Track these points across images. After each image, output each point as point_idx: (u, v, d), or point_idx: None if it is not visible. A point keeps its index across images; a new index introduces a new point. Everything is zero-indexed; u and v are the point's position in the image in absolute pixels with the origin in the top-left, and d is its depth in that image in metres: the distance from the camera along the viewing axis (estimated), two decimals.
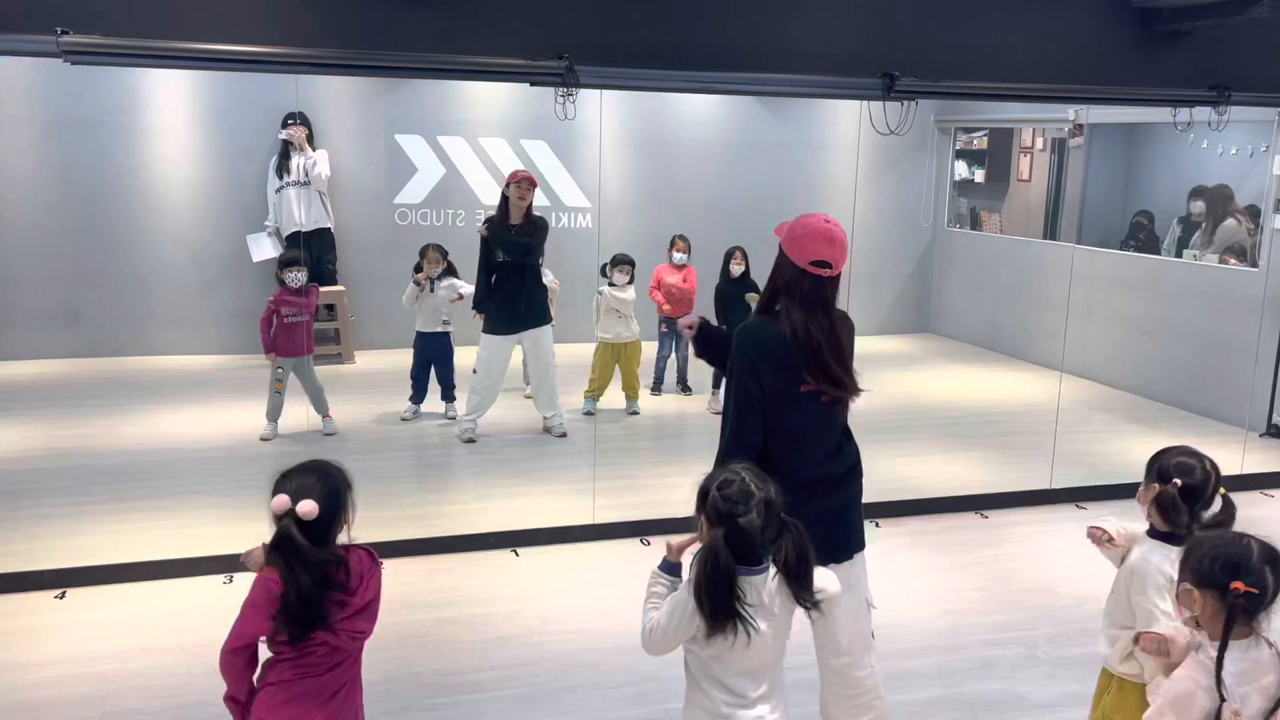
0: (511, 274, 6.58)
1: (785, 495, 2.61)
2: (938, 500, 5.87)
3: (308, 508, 2.37)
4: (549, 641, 4.25)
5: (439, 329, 7.14)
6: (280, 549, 2.38)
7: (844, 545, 3.13)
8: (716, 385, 7.65)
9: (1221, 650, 2.20)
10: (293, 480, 2.45)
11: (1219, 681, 2.19)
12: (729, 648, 2.38)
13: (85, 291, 8.62)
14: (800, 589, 2.43)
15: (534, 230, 6.57)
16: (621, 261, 7.34)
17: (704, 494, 2.43)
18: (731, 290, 7.46)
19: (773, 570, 2.44)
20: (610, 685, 3.92)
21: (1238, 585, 2.19)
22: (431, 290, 7.03)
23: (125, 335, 8.71)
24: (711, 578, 2.34)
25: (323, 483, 2.45)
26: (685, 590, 2.44)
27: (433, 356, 7.19)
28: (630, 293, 7.34)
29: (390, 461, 6.46)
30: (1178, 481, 2.87)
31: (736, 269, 7.50)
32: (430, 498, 5.85)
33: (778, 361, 2.98)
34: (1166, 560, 2.82)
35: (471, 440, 6.71)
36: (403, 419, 7.18)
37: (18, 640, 4.16)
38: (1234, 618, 2.20)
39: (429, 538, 5.14)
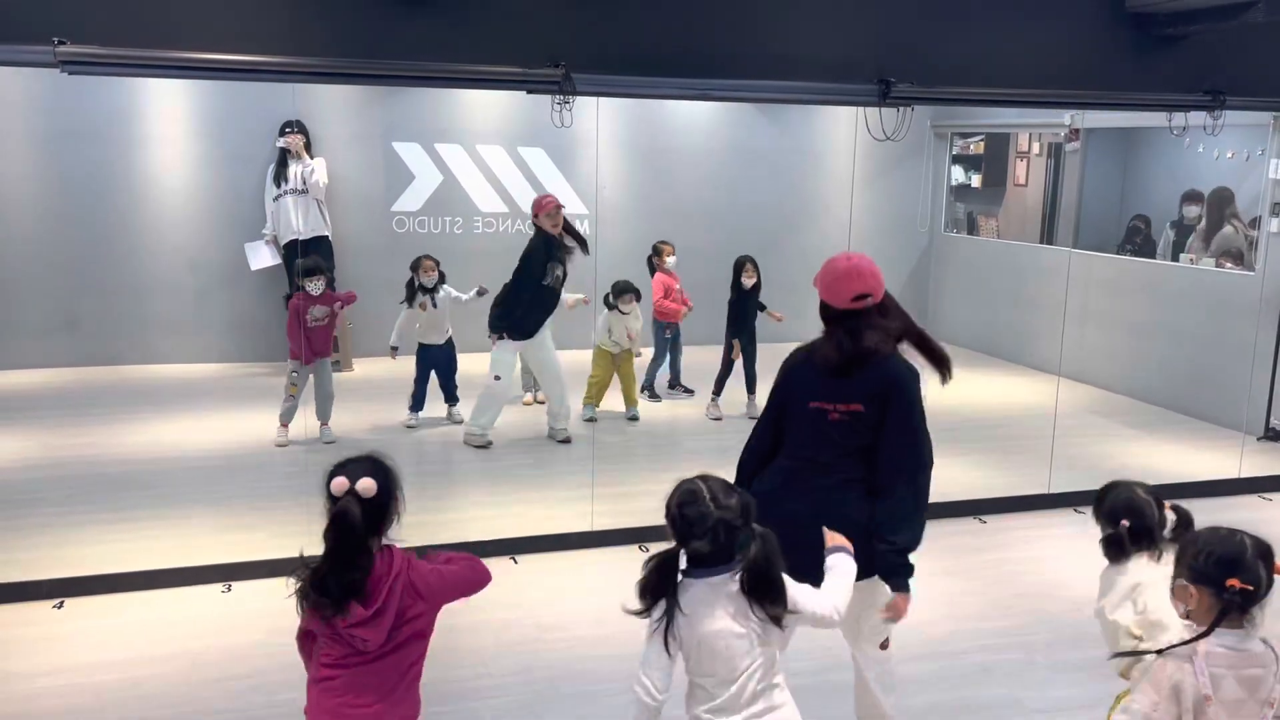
0: (545, 297, 6.77)
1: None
2: (936, 505, 5.75)
3: (367, 484, 2.42)
4: (547, 650, 4.25)
5: (443, 340, 7.15)
6: (336, 527, 2.39)
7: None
8: (717, 392, 7.64)
9: (1200, 635, 2.24)
10: (347, 467, 2.52)
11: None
12: (694, 657, 2.45)
13: (83, 300, 8.62)
14: (758, 601, 2.43)
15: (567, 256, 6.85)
16: (626, 290, 7.32)
17: (668, 510, 2.49)
18: (745, 302, 7.46)
19: (738, 572, 2.46)
20: (608, 693, 3.91)
21: (1234, 582, 2.22)
22: (434, 305, 7.03)
23: (123, 344, 8.71)
24: (654, 575, 2.48)
25: (377, 467, 2.54)
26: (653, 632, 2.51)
27: (438, 366, 7.19)
28: (639, 322, 7.43)
29: None
30: (1125, 523, 2.93)
31: (748, 281, 7.47)
32: (428, 505, 5.84)
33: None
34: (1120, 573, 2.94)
35: (488, 444, 6.81)
36: (408, 426, 7.18)
37: (16, 650, 4.15)
38: (1226, 612, 2.23)
39: (426, 546, 5.12)
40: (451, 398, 7.30)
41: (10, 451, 6.53)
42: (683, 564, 2.51)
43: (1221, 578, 2.23)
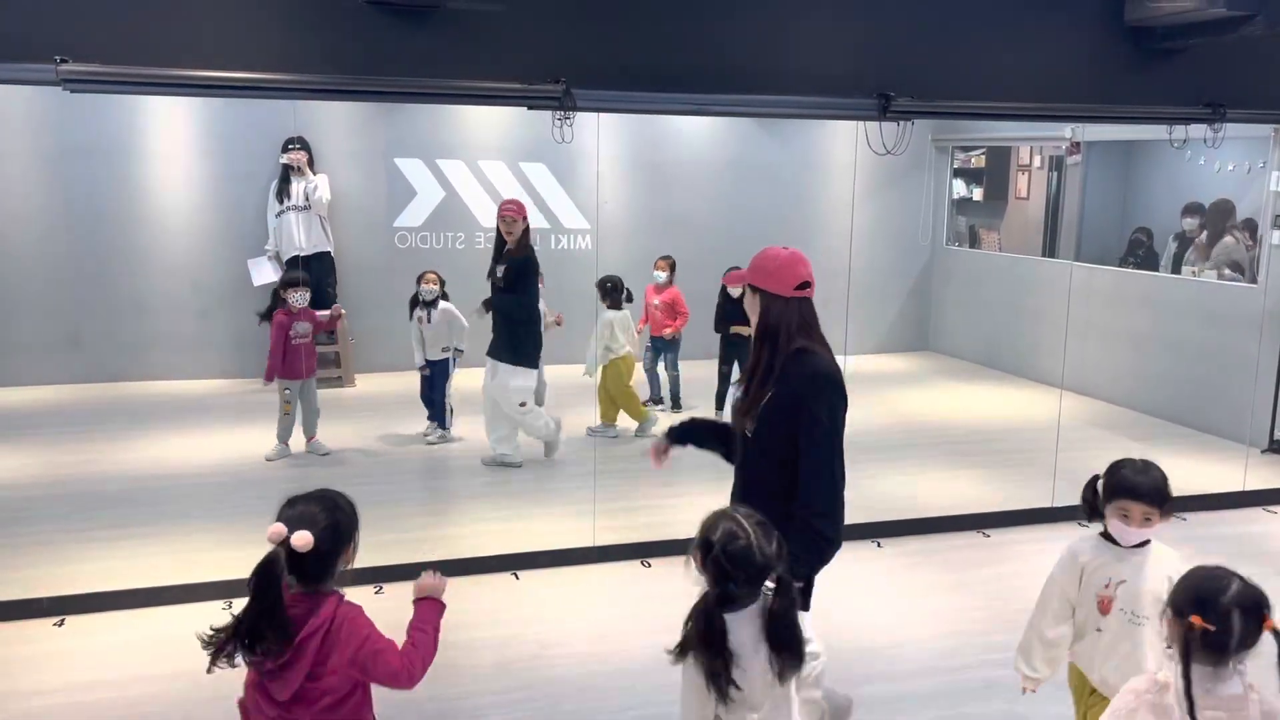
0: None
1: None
2: (939, 519, 5.85)
3: (303, 539, 2.29)
4: (549, 666, 4.23)
5: (439, 356, 7.12)
6: (259, 576, 2.28)
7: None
8: (720, 406, 7.63)
9: (1186, 681, 2.19)
10: (296, 507, 2.40)
11: (1190, 713, 2.17)
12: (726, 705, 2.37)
13: (86, 317, 8.64)
14: (777, 652, 2.36)
15: (509, 265, 6.45)
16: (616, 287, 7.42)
17: (707, 545, 2.38)
18: (730, 308, 7.59)
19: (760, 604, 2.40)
20: (610, 710, 3.90)
21: (1196, 619, 2.18)
22: (429, 321, 7.01)
23: (126, 360, 8.72)
24: (705, 638, 2.34)
25: (327, 514, 2.39)
26: (689, 669, 2.40)
27: (429, 381, 7.19)
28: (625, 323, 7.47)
29: (390, 485, 6.45)
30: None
31: (734, 291, 7.61)
32: (430, 521, 5.84)
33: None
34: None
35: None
36: (429, 442, 7.15)
37: (16, 668, 4.14)
38: (1190, 650, 2.19)
39: (428, 561, 5.11)
40: (439, 419, 7.20)
41: (12, 468, 6.53)
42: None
43: (1187, 612, 2.21)
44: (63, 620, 4.53)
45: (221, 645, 2.28)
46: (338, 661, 2.35)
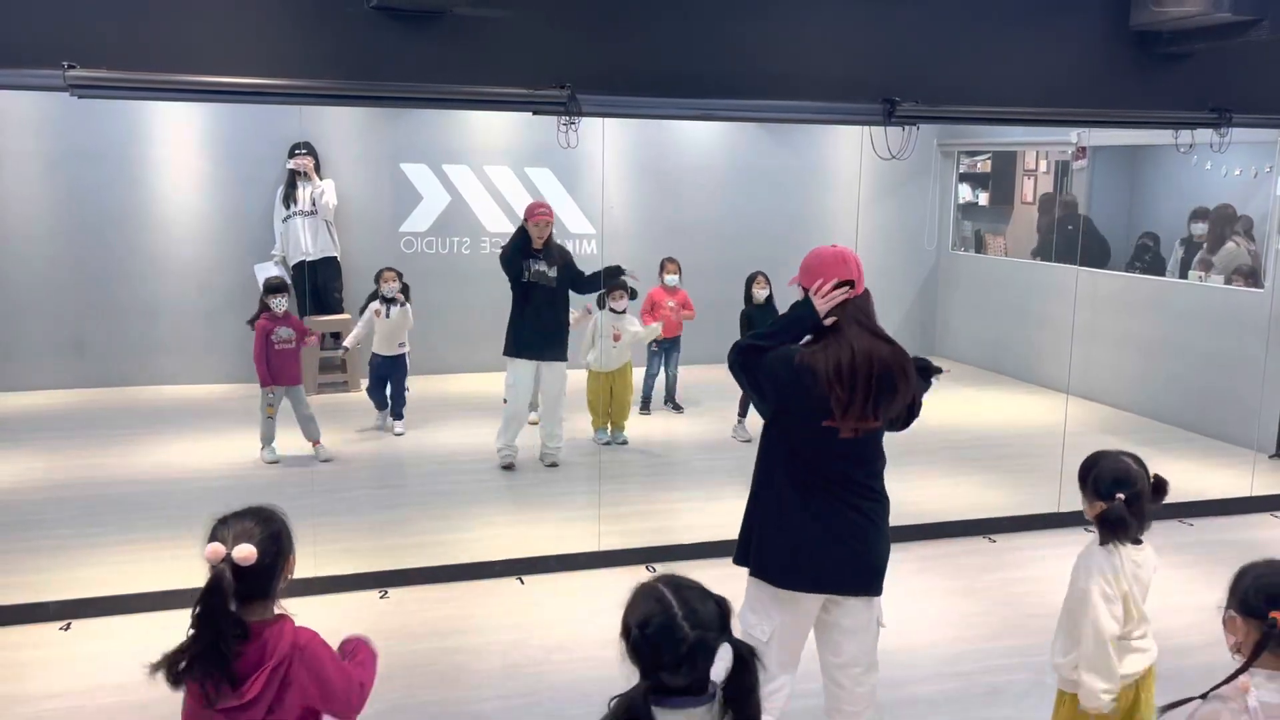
0: (534, 299, 6.55)
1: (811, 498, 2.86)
2: (944, 524, 5.84)
3: (246, 552, 2.18)
4: (553, 671, 4.22)
5: (395, 351, 7.41)
6: (206, 599, 2.18)
7: (868, 581, 3.22)
8: (743, 413, 7.55)
9: (1239, 670, 2.16)
10: (230, 525, 2.27)
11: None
12: None
13: (91, 322, 8.67)
14: None
15: (556, 259, 6.55)
16: (621, 286, 7.20)
17: (626, 629, 1.96)
18: (757, 314, 7.45)
19: (717, 698, 1.91)
20: None
21: (1276, 615, 2.14)
22: (388, 316, 7.29)
23: (131, 365, 8.74)
24: None
25: (263, 527, 2.28)
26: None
27: (389, 376, 7.46)
28: (635, 322, 7.36)
29: (394, 489, 6.46)
30: (1121, 496, 2.93)
31: (760, 293, 7.49)
32: (435, 525, 5.83)
33: (806, 391, 2.99)
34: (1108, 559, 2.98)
35: (511, 466, 6.72)
36: (397, 434, 7.44)
37: (23, 672, 4.15)
38: (1265, 645, 2.15)
39: (433, 566, 5.13)
40: (398, 412, 7.55)
41: (18, 473, 6.55)
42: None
43: (1266, 610, 2.15)
44: (69, 624, 4.54)
45: (173, 674, 2.24)
46: (295, 698, 2.26)
